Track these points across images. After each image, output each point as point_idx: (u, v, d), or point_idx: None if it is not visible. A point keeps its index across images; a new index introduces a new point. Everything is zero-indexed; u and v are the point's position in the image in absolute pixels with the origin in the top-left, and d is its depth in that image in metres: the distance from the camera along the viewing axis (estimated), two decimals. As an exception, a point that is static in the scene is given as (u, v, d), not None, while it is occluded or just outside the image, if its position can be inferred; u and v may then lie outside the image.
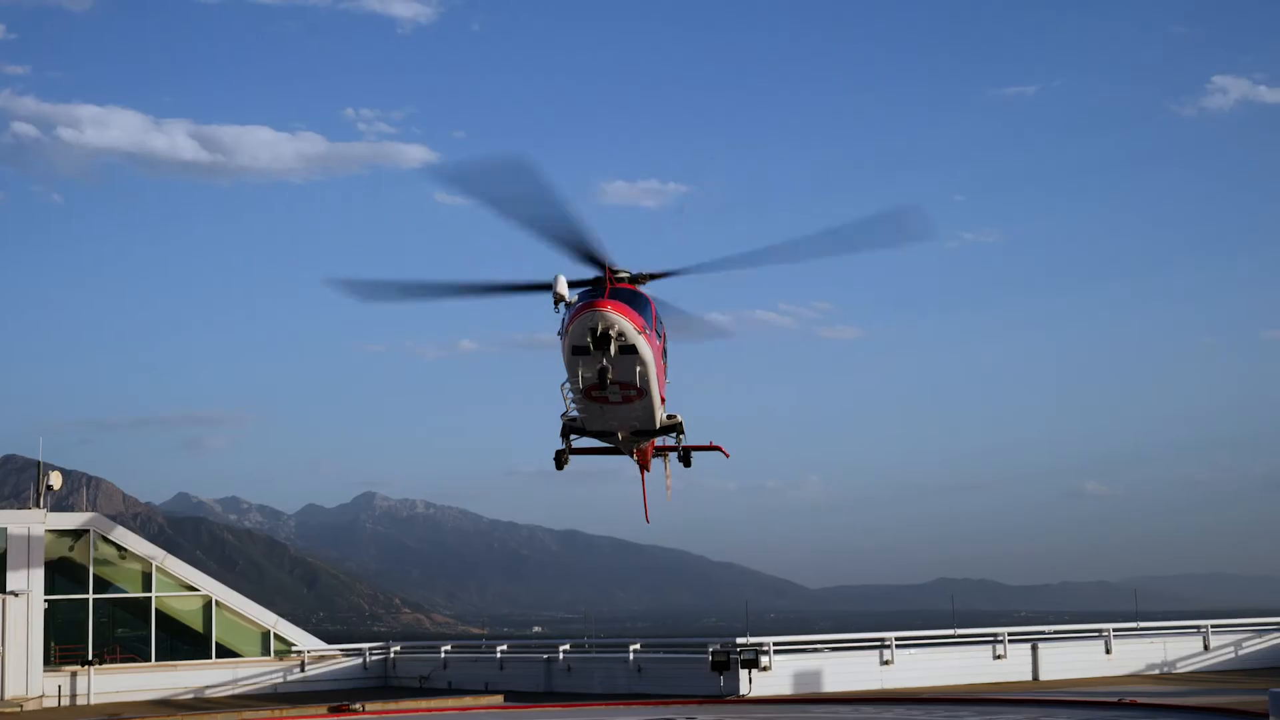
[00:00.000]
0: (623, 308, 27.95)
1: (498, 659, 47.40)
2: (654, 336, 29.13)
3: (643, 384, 29.25)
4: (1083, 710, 31.51)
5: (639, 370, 28.70)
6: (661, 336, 30.02)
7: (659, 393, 30.42)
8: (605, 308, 27.66)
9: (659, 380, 30.09)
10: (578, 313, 27.81)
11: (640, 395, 29.72)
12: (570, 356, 28.45)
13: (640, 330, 28.13)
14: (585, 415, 31.14)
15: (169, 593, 47.43)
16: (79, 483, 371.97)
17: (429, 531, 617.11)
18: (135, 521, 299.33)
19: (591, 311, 27.63)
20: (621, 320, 27.67)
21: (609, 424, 31.60)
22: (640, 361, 28.51)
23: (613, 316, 27.62)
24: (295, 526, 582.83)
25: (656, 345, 29.36)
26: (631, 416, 30.93)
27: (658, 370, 29.69)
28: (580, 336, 27.79)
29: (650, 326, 28.89)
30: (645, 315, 28.72)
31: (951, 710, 32.82)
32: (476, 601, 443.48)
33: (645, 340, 28.35)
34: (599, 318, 27.58)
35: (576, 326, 27.78)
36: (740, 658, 38.86)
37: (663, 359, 30.36)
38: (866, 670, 41.02)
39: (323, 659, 50.10)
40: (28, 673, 42.45)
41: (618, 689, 42.31)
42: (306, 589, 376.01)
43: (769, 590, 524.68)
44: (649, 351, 28.63)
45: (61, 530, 45.65)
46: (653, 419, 31.31)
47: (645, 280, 30.02)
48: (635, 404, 30.12)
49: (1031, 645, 43.51)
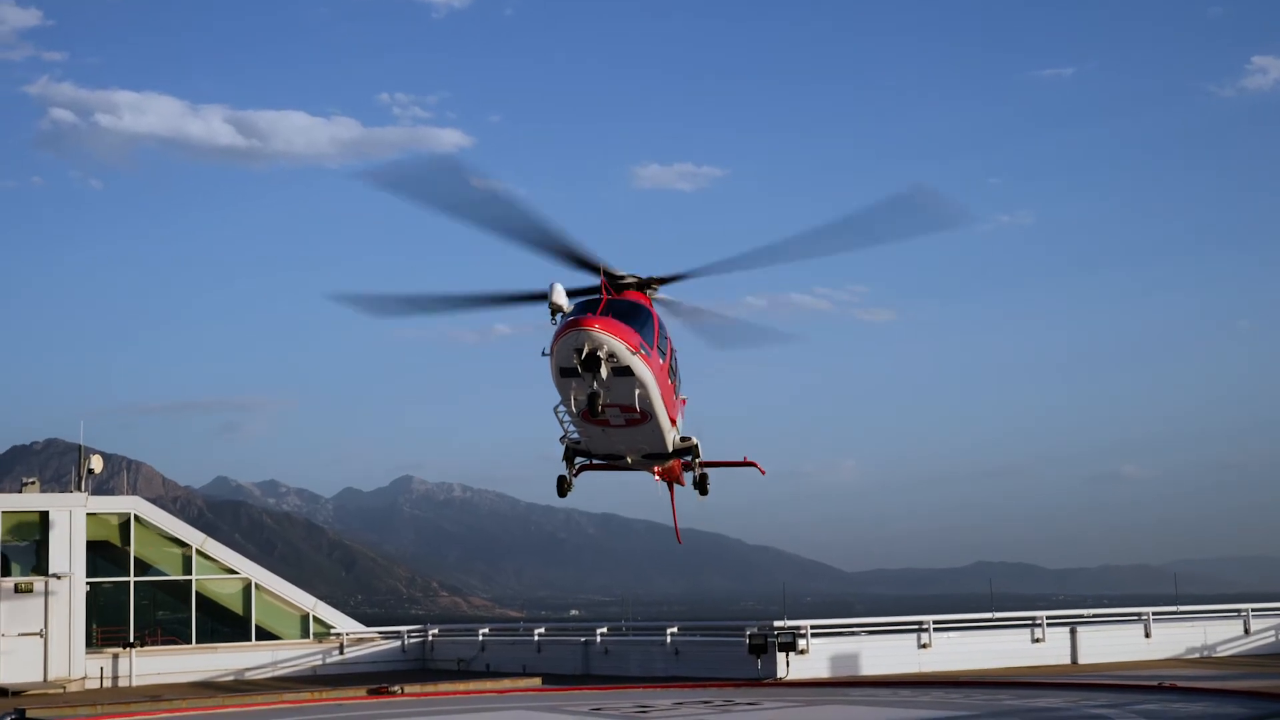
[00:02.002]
0: (614, 325, 25.01)
1: (535, 642, 47.49)
2: (655, 355, 26.26)
3: (644, 407, 26.39)
4: (1122, 694, 31.27)
5: (638, 393, 25.88)
6: (667, 353, 27.32)
7: (668, 414, 27.58)
8: (592, 326, 24.66)
9: (666, 402, 27.22)
10: (561, 331, 24.84)
11: (645, 419, 26.88)
12: (559, 379, 25.61)
13: (635, 350, 25.23)
14: (587, 439, 28.28)
15: (209, 576, 47.71)
16: (119, 467, 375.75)
17: (466, 515, 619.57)
18: (175, 505, 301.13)
19: (576, 331, 24.63)
20: (611, 340, 24.72)
21: (615, 447, 28.59)
22: (639, 384, 25.71)
23: (601, 336, 24.63)
24: (333, 510, 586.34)
25: (659, 364, 26.49)
26: (639, 440, 28.11)
27: (663, 391, 26.85)
28: (566, 358, 24.87)
29: (651, 343, 26.12)
30: (644, 330, 26.03)
31: (990, 693, 32.68)
32: (514, 585, 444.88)
33: (642, 361, 25.50)
34: (585, 338, 24.57)
35: (561, 347, 24.83)
36: (778, 641, 38.79)
37: (670, 377, 27.55)
38: (904, 653, 40.90)
39: (361, 642, 50.31)
40: (70, 655, 42.83)
41: (655, 672, 42.33)
42: (345, 572, 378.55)
43: (805, 573, 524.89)
44: (648, 373, 25.83)
45: (103, 513, 45.97)
46: (663, 442, 28.37)
47: (655, 286, 27.81)
48: (641, 427, 27.26)
49: (1070, 628, 43.32)
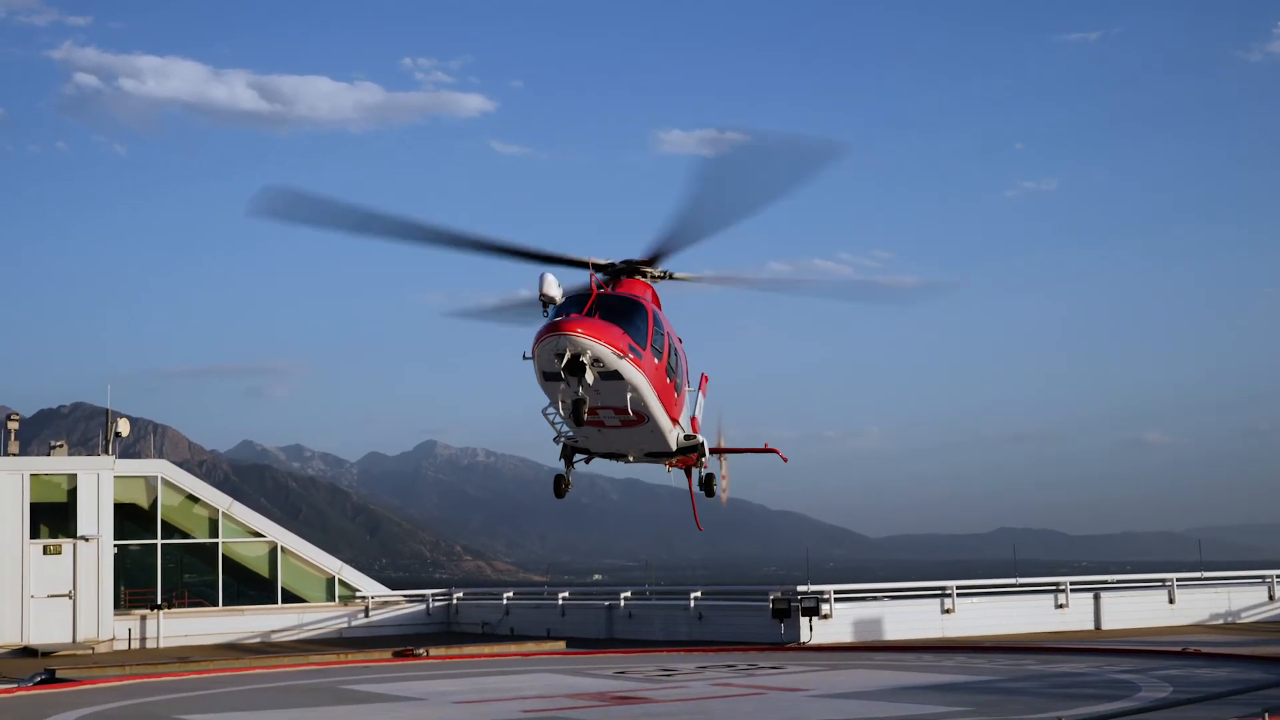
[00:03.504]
0: (598, 328, 22.95)
1: (559, 606, 47.70)
2: (648, 355, 24.28)
3: (639, 410, 24.52)
4: (1146, 659, 31.31)
5: (630, 397, 23.99)
6: (664, 351, 25.15)
7: (667, 414, 25.76)
8: (574, 330, 22.59)
9: (664, 401, 25.40)
10: (541, 335, 22.83)
11: (641, 420, 25.04)
12: (543, 383, 23.70)
13: (623, 354, 23.24)
14: (583, 439, 26.28)
15: (235, 539, 48.00)
16: (146, 430, 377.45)
17: (490, 480, 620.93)
18: (201, 469, 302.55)
19: (556, 337, 22.58)
20: (595, 345, 22.65)
21: (613, 446, 26.80)
22: (630, 388, 23.79)
23: (583, 341, 22.55)
24: (358, 474, 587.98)
25: (653, 365, 24.51)
26: (638, 440, 26.35)
27: (659, 391, 24.95)
28: (548, 363, 22.88)
29: (643, 343, 24.10)
30: (635, 329, 24.00)
31: (1014, 658, 32.74)
32: (537, 549, 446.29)
33: (631, 364, 23.50)
34: (565, 343, 22.53)
35: (541, 352, 22.83)
36: (801, 605, 38.90)
37: (669, 376, 25.58)
38: (928, 619, 40.99)
39: (386, 605, 50.62)
40: (98, 616, 43.22)
41: (679, 636, 42.51)
42: (369, 536, 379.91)
43: (828, 539, 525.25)
44: (639, 376, 23.83)
45: (130, 476, 46.27)
46: (664, 442, 26.51)
47: (645, 270, 25.82)
48: (638, 428, 25.45)
49: (1094, 594, 43.32)
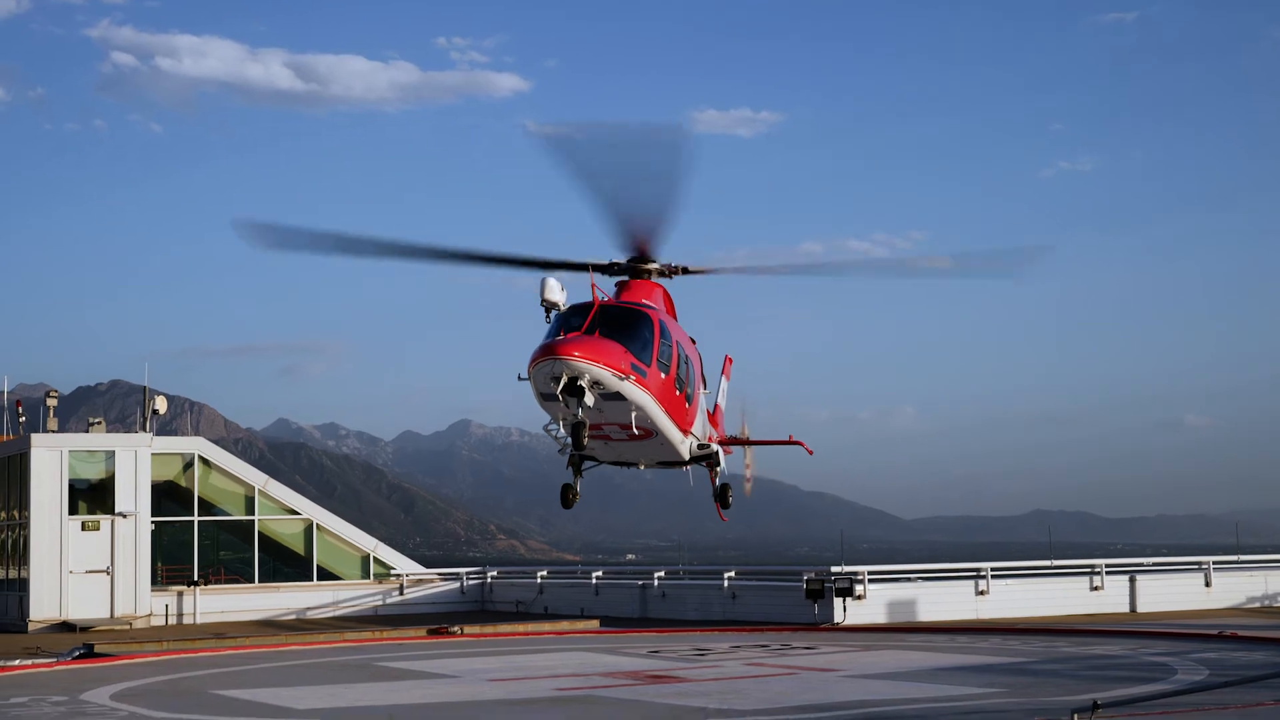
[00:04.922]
0: (595, 349, 21.74)
1: (593, 585, 47.77)
2: (654, 370, 23.10)
3: (645, 426, 23.51)
4: (1181, 642, 31.14)
5: (635, 415, 22.90)
6: (672, 361, 23.92)
7: (677, 427, 24.74)
8: (570, 354, 21.35)
9: (674, 415, 24.36)
10: (536, 358, 21.66)
11: (649, 434, 24.07)
12: (542, 403, 22.62)
13: (625, 374, 22.08)
14: (591, 449, 24.88)
15: (271, 516, 48.25)
16: (182, 408, 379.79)
17: (524, 459, 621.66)
18: (237, 446, 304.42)
19: (551, 361, 21.41)
20: (593, 369, 21.51)
21: (623, 456, 25.99)
22: (634, 407, 22.72)
23: (580, 365, 21.37)
24: (392, 453, 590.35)
25: (660, 380, 23.33)
26: (647, 451, 25.49)
27: (667, 406, 23.89)
28: (544, 385, 21.81)
29: (649, 359, 22.95)
30: (638, 344, 22.85)
31: (1048, 640, 32.63)
32: (570, 528, 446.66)
33: (634, 384, 22.38)
34: (561, 367, 21.38)
35: (537, 374, 21.75)
36: (835, 586, 38.85)
37: (678, 388, 24.42)
38: (962, 600, 40.87)
39: (421, 583, 50.81)
40: (136, 592, 43.57)
41: (712, 615, 42.52)
42: (404, 514, 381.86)
43: (862, 520, 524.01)
44: (643, 394, 22.74)
45: (167, 454, 46.55)
46: (675, 453, 25.65)
47: (651, 270, 25.05)
48: (646, 441, 24.45)
49: (1129, 577, 43.11)
